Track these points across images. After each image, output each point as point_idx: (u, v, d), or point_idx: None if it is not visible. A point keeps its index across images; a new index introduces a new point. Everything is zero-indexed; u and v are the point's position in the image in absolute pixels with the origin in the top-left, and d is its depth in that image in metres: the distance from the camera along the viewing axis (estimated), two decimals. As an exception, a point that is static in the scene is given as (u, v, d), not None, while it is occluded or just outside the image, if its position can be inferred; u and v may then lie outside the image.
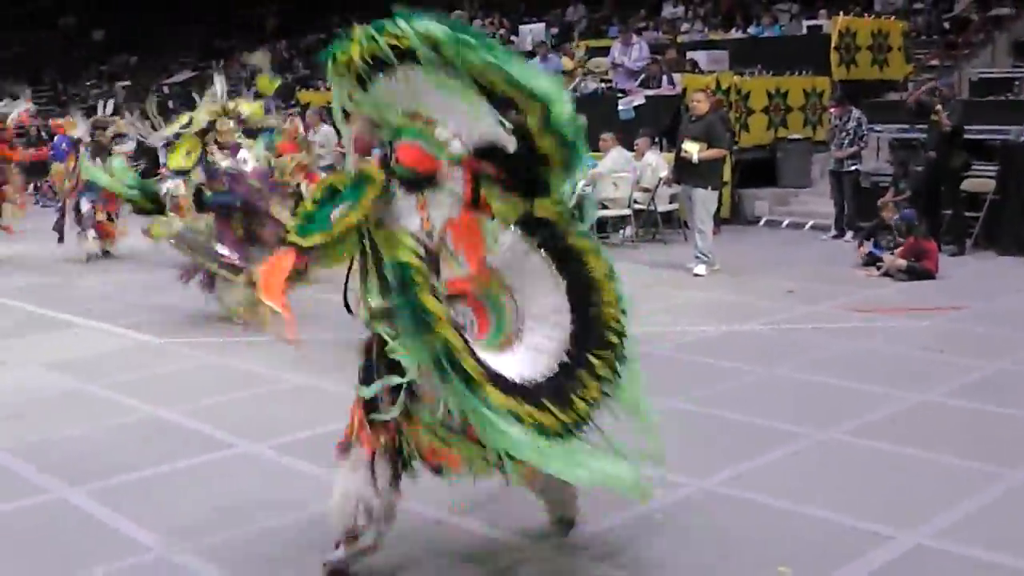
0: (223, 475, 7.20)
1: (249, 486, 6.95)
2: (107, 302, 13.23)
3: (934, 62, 22.87)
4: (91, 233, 16.11)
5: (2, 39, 39.17)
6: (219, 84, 12.13)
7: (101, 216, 16.00)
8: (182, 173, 11.50)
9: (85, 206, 15.95)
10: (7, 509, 6.74)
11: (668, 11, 27.56)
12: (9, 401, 9.13)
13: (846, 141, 16.81)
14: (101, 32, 41.19)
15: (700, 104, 14.09)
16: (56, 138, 17.76)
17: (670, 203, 16.79)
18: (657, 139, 17.59)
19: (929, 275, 13.31)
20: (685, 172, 14.13)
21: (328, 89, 7.42)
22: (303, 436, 7.66)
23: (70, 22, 42.03)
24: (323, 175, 11.69)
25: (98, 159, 15.35)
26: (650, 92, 19.03)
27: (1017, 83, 20.43)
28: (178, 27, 39.05)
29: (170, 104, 18.75)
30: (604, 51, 22.13)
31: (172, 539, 6.14)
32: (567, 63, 22.24)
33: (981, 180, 15.67)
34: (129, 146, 16.50)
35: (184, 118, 12.04)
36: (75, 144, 16.53)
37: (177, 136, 11.90)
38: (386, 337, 5.14)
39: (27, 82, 37.41)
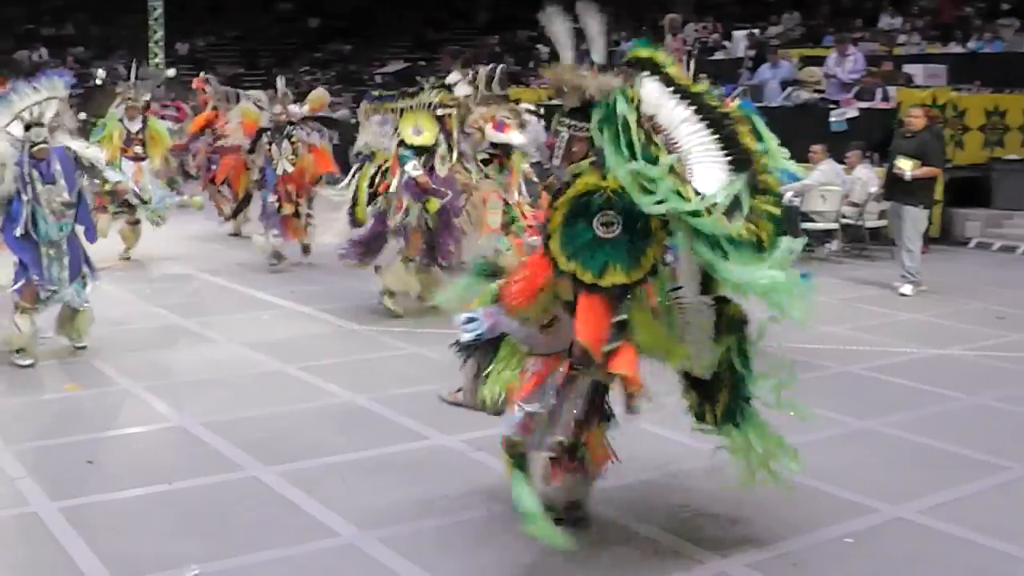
0: (415, 465, 7.25)
1: (440, 478, 6.97)
2: (311, 286, 13.50)
3: None
4: (274, 231, 15.52)
5: (219, 23, 40.27)
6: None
7: (288, 210, 15.20)
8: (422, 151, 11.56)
9: (270, 197, 15.20)
10: (202, 483, 6.92)
11: (885, 22, 26.90)
12: (212, 378, 9.40)
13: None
14: (317, 19, 42.03)
15: (916, 120, 13.71)
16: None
17: (879, 219, 16.37)
18: (869, 153, 17.16)
19: None
20: (896, 189, 13.75)
21: (540, 87, 7.47)
22: (495, 432, 7.64)
23: (287, 8, 43.00)
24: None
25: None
26: (864, 104, 18.59)
27: None
28: (393, 17, 39.63)
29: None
30: (817, 60, 21.68)
31: (361, 526, 6.20)
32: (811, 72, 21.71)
33: None
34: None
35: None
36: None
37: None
38: None
39: (244, 67, 38.51)
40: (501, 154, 11.80)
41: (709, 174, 5.55)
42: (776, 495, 6.01)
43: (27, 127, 9.64)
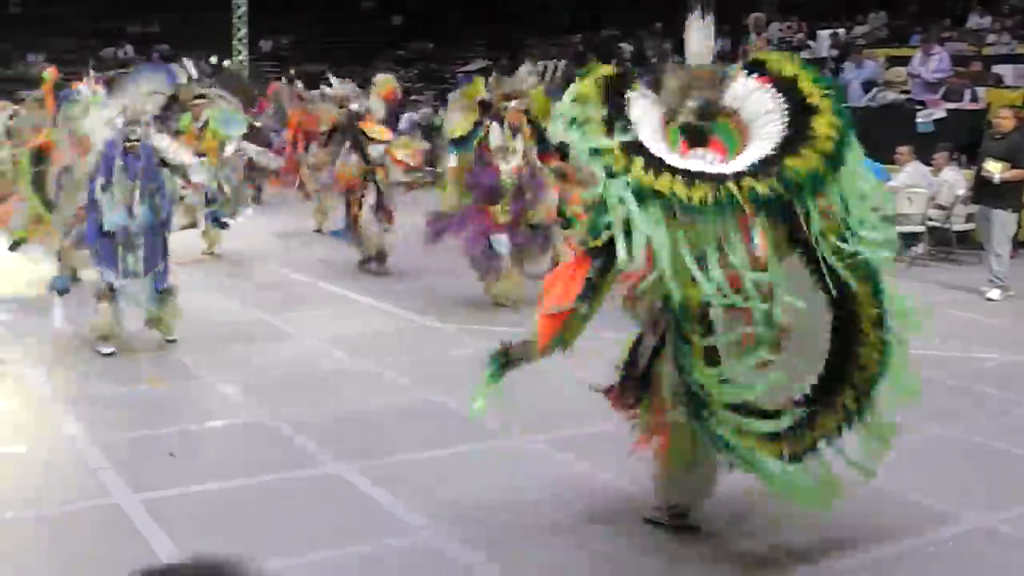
0: (495, 464, 7.25)
1: (520, 478, 6.96)
2: (393, 282, 13.52)
3: None
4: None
5: (302, 20, 40.52)
6: None
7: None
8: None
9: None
10: (282, 478, 6.95)
11: (974, 21, 26.47)
12: (293, 374, 9.45)
13: None
14: (400, 17, 42.21)
15: (1005, 121, 13.47)
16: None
17: (966, 222, 16.11)
18: (956, 155, 16.90)
19: None
20: (985, 192, 13.52)
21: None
22: (578, 432, 7.62)
23: (369, 6, 43.21)
24: None
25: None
26: (951, 105, 18.33)
27: None
28: (475, 15, 39.68)
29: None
30: (904, 60, 21.40)
31: (440, 524, 6.20)
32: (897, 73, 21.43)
33: None
34: None
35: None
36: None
37: None
38: None
39: (326, 64, 38.69)
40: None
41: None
42: (861, 503, 5.93)
43: (126, 122, 9.76)
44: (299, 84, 20.72)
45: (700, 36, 5.87)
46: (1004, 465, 7.40)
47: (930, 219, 16.12)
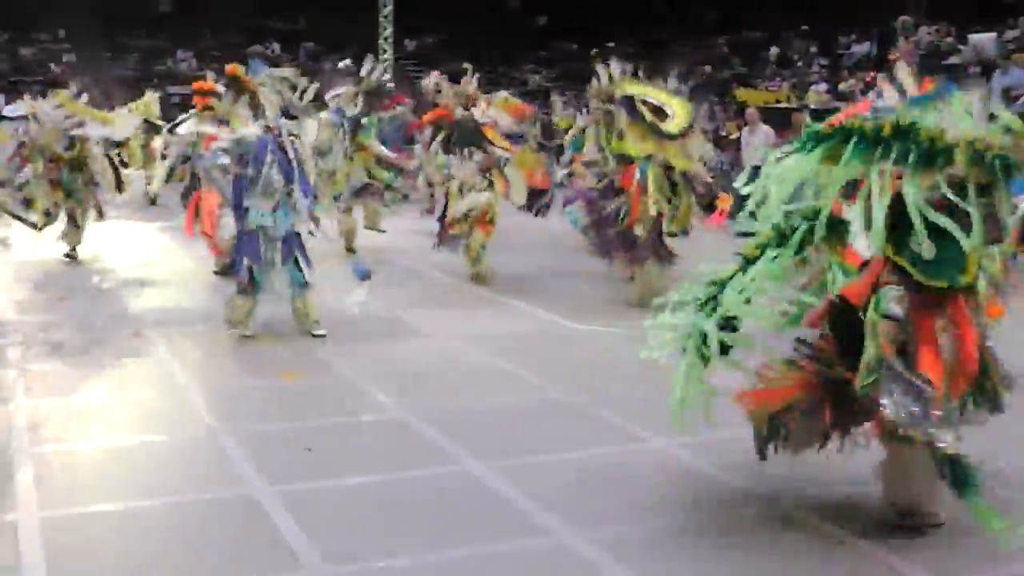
0: (629, 466, 7.14)
1: (654, 481, 6.85)
2: (530, 282, 13.48)
3: None
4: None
5: (447, 20, 40.74)
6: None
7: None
8: None
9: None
10: (417, 475, 6.94)
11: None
12: (430, 371, 9.47)
13: None
14: (544, 17, 42.23)
15: None
16: None
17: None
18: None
19: None
20: None
21: (767, 89, 7.41)
22: (712, 437, 7.49)
23: (514, 6, 43.30)
24: None
25: None
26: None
27: None
28: (619, 16, 39.51)
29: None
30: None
31: (572, 526, 6.11)
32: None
33: None
34: None
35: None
36: None
37: None
38: None
39: (471, 64, 38.81)
40: None
41: None
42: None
43: (284, 114, 9.92)
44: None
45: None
46: None
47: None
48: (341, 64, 19.23)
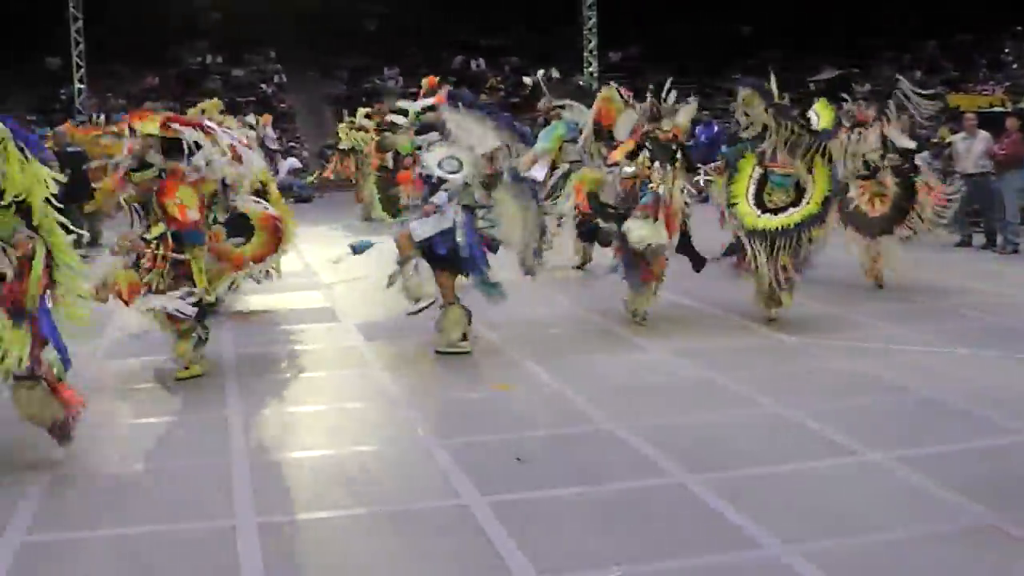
0: (843, 480, 6.99)
1: (871, 497, 6.67)
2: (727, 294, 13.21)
3: None
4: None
5: (651, 31, 40.62)
6: None
7: None
8: None
9: None
10: (628, 487, 6.89)
11: None
12: (639, 384, 9.42)
13: None
14: (749, 27, 41.77)
15: None
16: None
17: None
18: None
19: None
20: None
21: (982, 92, 7.18)
22: (931, 451, 7.31)
23: (719, 15, 42.83)
24: None
25: None
26: None
27: None
28: (825, 22, 38.94)
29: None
30: None
31: (785, 541, 5.99)
32: None
33: None
34: None
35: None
36: None
37: None
38: None
39: (675, 75, 38.62)
40: None
41: None
42: None
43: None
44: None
45: None
46: None
47: None
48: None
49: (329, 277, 14.77)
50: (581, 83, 15.54)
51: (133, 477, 7.31)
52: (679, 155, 11.30)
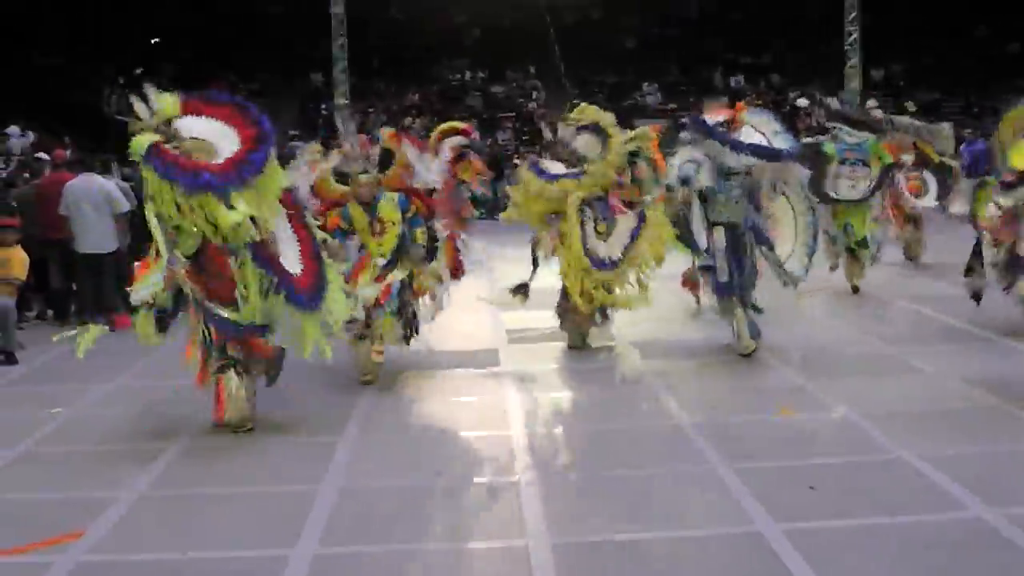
0: None
1: None
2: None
3: None
4: None
5: (916, 48, 39.63)
6: None
7: None
8: None
9: None
10: (924, 520, 6.68)
11: None
12: (927, 410, 9.15)
13: None
14: (1017, 44, 40.13)
15: None
16: None
17: None
18: None
19: None
20: None
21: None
22: None
23: (984, 33, 41.36)
24: None
25: None
26: None
27: None
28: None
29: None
30: None
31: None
32: None
33: None
34: None
35: None
36: None
37: None
38: None
39: (941, 93, 37.64)
40: None
41: None
42: None
43: None
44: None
45: None
46: None
47: None
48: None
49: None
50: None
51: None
52: None
